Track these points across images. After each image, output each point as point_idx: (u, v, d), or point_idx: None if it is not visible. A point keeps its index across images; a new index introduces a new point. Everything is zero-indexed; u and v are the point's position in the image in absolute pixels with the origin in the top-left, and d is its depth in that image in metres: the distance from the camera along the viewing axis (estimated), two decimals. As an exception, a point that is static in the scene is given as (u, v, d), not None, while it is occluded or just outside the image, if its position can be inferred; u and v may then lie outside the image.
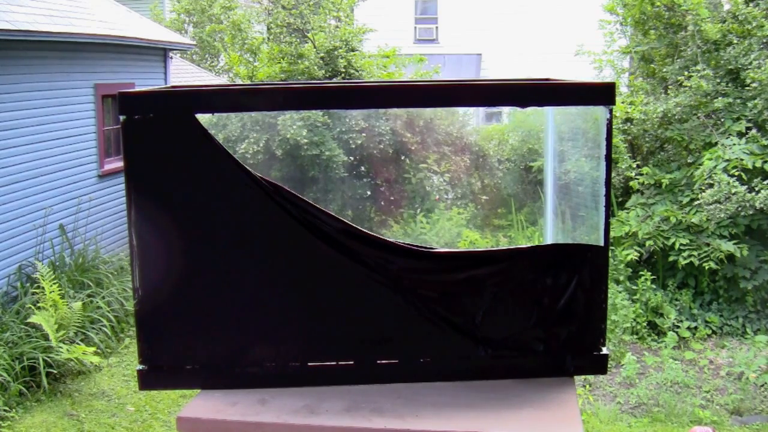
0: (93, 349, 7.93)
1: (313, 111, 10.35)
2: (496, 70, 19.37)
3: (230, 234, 2.08)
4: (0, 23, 8.19)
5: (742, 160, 9.05)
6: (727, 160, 9.14)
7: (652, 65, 11.11)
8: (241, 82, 13.80)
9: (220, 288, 2.10)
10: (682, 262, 9.30)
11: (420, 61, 13.75)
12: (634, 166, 10.40)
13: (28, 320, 7.69)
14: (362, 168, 12.04)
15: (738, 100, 9.69)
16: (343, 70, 12.76)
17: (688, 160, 10.13)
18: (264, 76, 12.96)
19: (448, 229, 11.24)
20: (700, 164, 9.49)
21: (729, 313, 9.38)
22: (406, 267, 2.10)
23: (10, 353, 7.38)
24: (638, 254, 9.69)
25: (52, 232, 9.51)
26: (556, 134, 2.75)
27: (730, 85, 9.87)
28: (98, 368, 8.09)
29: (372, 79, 12.24)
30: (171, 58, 13.27)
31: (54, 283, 7.99)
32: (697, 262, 9.21)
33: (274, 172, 11.22)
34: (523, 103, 2.07)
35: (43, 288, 7.94)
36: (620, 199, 10.70)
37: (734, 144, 9.26)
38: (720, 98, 9.65)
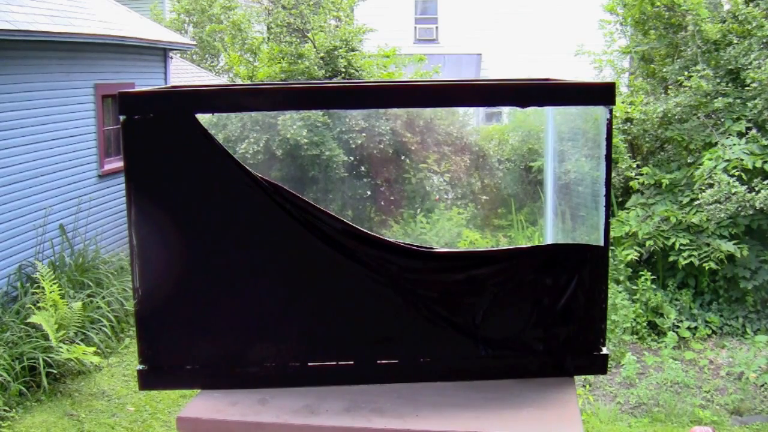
0: (93, 349, 7.93)
1: (313, 111, 10.35)
2: (496, 70, 19.37)
3: (230, 234, 2.08)
4: (0, 23, 8.19)
5: (742, 160, 9.05)
6: (727, 160, 9.15)
7: (652, 65, 11.11)
8: (241, 82, 13.79)
9: (220, 288, 2.09)
10: (682, 262, 9.30)
11: (420, 60, 13.75)
12: (634, 166, 10.40)
13: (28, 320, 7.69)
14: (362, 168, 12.04)
15: (738, 100, 9.69)
16: (343, 70, 12.76)
17: (688, 160, 10.13)
18: (264, 76, 12.96)
19: (448, 229, 11.24)
20: (700, 164, 9.49)
21: (729, 313, 9.38)
22: (406, 267, 2.10)
23: (10, 353, 7.38)
24: (638, 254, 9.69)
25: (52, 232, 9.51)
26: (556, 134, 2.75)
27: (730, 85, 9.87)
28: (98, 368, 8.09)
29: (372, 79, 12.24)
30: (171, 58, 13.27)
31: (54, 283, 7.99)
32: (697, 262, 9.21)
33: (274, 172, 11.22)
34: (523, 103, 2.07)
35: (43, 288, 7.94)
36: (620, 199, 10.71)
37: (734, 144, 9.26)
38: (720, 98, 9.65)
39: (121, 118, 2.01)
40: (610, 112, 2.00)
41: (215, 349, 2.11)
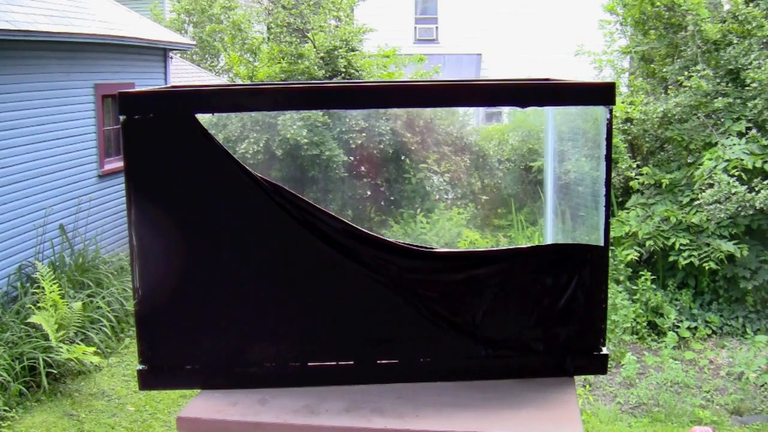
0: (93, 349, 7.93)
1: (313, 111, 10.35)
2: (496, 70, 19.37)
3: (230, 234, 2.08)
4: (0, 23, 8.19)
5: (742, 160, 9.05)
6: (727, 160, 9.15)
7: (652, 65, 11.11)
8: (241, 82, 13.79)
9: (220, 288, 2.09)
10: (682, 262, 9.30)
11: (420, 60, 13.75)
12: (634, 166, 10.40)
13: (28, 320, 7.69)
14: (362, 168, 12.04)
15: (738, 100, 9.69)
16: (343, 70, 12.76)
17: (688, 160, 10.13)
18: (264, 76, 12.96)
19: (448, 229, 11.24)
20: (700, 164, 9.49)
21: (729, 313, 9.38)
22: (406, 267, 2.10)
23: (10, 353, 7.38)
24: (638, 254, 9.69)
25: (52, 232, 9.51)
26: (556, 134, 2.75)
27: (730, 85, 9.87)
28: (98, 368, 8.09)
29: (372, 79, 12.24)
30: (171, 58, 13.27)
31: (54, 283, 7.99)
32: (697, 262, 9.21)
33: (274, 172, 11.22)
34: (523, 103, 2.07)
35: (43, 288, 7.94)
36: (620, 199, 10.71)
37: (734, 144, 9.26)
38: (720, 98, 9.65)
39: (121, 118, 2.01)
40: (610, 112, 1.99)
41: (215, 349, 2.11)
